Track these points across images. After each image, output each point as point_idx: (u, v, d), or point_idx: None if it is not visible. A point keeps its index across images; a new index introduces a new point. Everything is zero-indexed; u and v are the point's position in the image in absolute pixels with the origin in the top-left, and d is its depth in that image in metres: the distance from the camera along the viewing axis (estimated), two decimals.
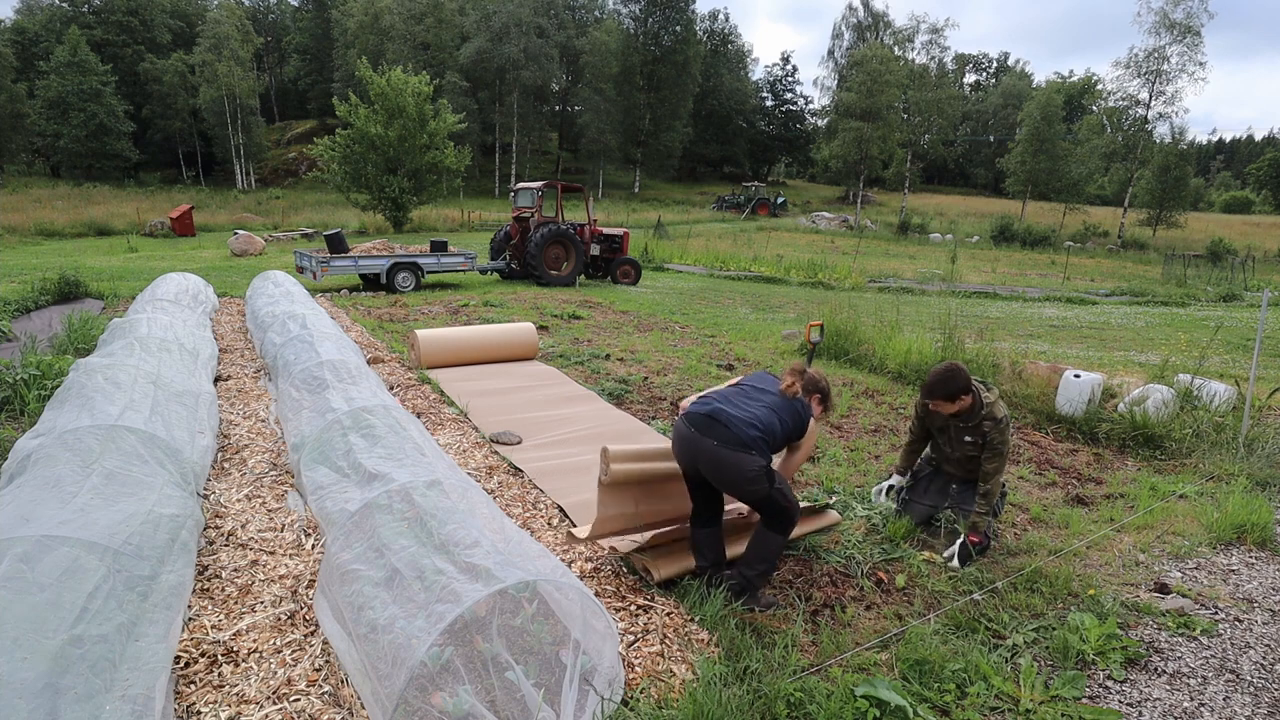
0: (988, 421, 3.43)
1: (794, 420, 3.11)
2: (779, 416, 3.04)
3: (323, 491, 3.45)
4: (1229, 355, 9.16)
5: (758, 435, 2.91)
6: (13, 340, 7.59)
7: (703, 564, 3.17)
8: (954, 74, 61.95)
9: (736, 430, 2.89)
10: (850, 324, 8.17)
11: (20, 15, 52.78)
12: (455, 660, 2.12)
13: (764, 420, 2.97)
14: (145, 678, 2.12)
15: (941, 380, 3.39)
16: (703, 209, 46.98)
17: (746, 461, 2.85)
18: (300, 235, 24.71)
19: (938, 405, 3.47)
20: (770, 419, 3.00)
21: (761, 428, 2.94)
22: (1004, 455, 3.43)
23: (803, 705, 2.34)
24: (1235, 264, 25.80)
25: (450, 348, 7.14)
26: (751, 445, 2.88)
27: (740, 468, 2.86)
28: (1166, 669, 2.72)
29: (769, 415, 3.01)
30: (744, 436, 2.88)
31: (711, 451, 2.89)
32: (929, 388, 3.43)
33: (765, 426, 2.95)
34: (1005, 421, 3.43)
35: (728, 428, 2.90)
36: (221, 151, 48.35)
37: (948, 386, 3.38)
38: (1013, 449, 4.65)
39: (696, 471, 3.03)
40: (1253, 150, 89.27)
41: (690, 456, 3.00)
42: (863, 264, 21.50)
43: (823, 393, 3.30)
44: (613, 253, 15.42)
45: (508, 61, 46.52)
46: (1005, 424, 3.43)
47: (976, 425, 3.46)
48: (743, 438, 2.88)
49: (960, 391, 3.39)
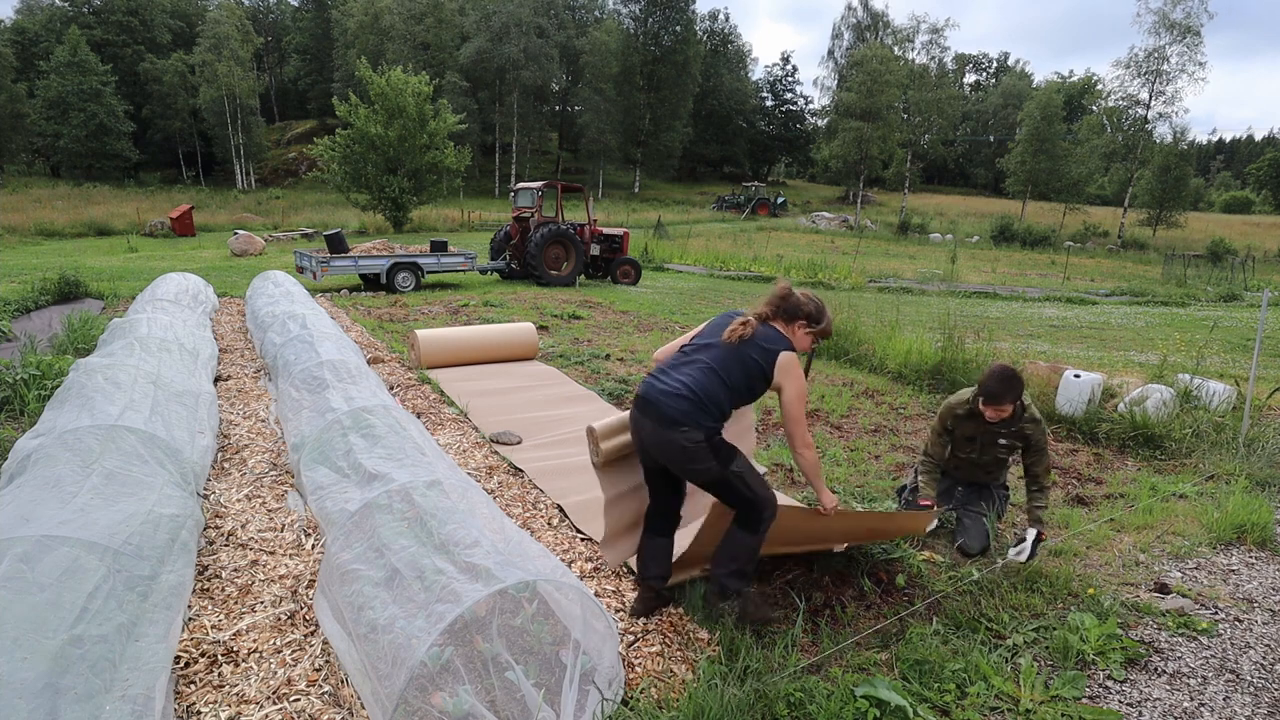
0: (1030, 424, 3.42)
1: (746, 370, 2.63)
2: (721, 374, 2.61)
3: (323, 491, 3.45)
4: (1229, 355, 9.16)
5: (687, 407, 2.54)
6: (13, 340, 7.59)
7: (645, 574, 2.87)
8: (954, 74, 61.97)
9: (663, 407, 2.56)
10: (850, 324, 8.17)
11: (20, 15, 52.79)
12: (455, 660, 2.12)
13: (696, 385, 2.58)
14: (145, 678, 2.12)
15: (1008, 383, 3.30)
16: (703, 209, 46.99)
17: (679, 438, 2.52)
18: (300, 235, 24.71)
19: (998, 410, 3.36)
20: (706, 381, 2.59)
21: (692, 395, 2.56)
22: (1047, 452, 3.47)
23: (803, 705, 2.34)
24: (1235, 264, 25.81)
25: (450, 348, 7.14)
26: (682, 420, 2.53)
27: (676, 446, 2.54)
28: (1166, 669, 2.72)
29: (705, 377, 2.60)
30: (670, 411, 2.54)
31: (651, 433, 2.61)
32: (994, 393, 3.31)
33: (698, 392, 2.56)
34: (1043, 420, 3.47)
35: (656, 405, 2.58)
36: (221, 151, 48.36)
37: (1014, 389, 3.31)
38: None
39: (649, 458, 2.74)
40: (1253, 150, 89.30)
41: (639, 441, 2.73)
42: (863, 264, 21.49)
43: (809, 316, 2.76)
44: (613, 253, 15.41)
45: (508, 61, 46.53)
46: (1044, 423, 3.48)
47: (1018, 429, 3.43)
48: (669, 413, 2.54)
49: (1022, 391, 3.36)
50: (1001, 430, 3.48)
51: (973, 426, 3.56)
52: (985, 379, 3.36)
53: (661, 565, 2.89)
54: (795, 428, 2.67)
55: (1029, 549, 3.29)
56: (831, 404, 6.24)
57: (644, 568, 2.91)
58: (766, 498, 2.66)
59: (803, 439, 2.68)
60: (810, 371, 2.96)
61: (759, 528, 2.67)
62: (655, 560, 2.88)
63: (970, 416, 3.55)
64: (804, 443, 2.69)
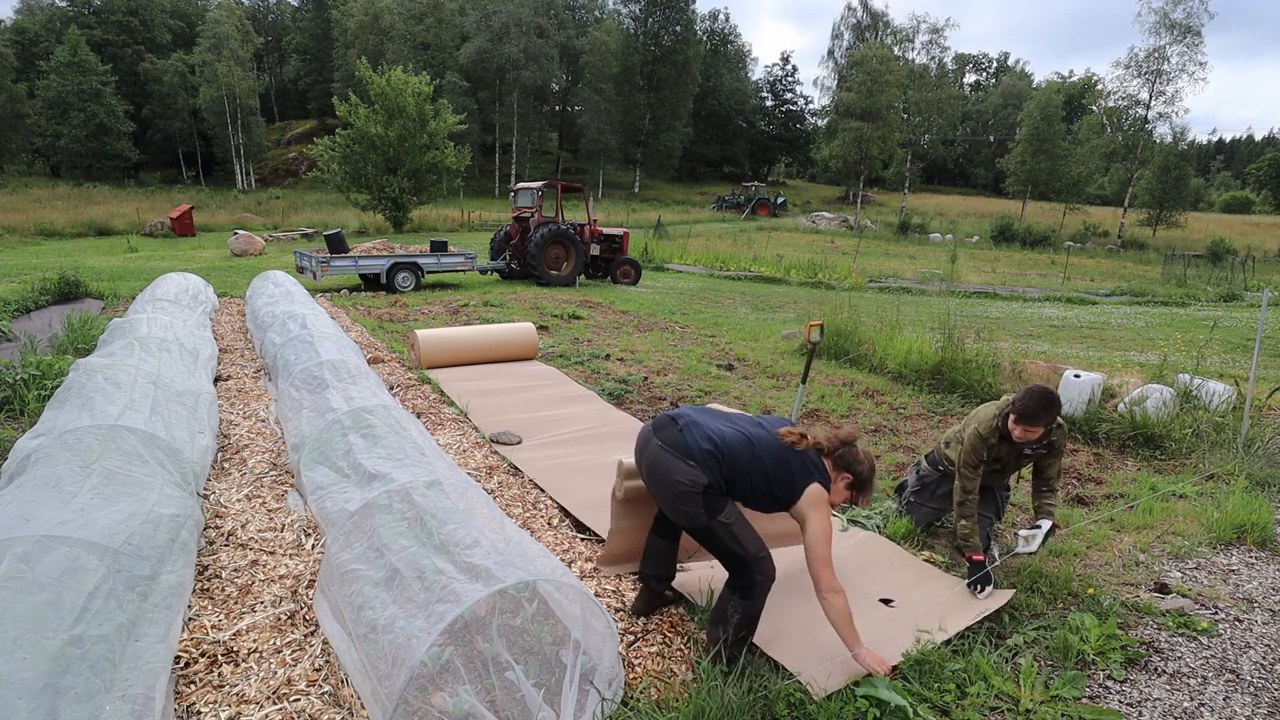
0: (1057, 431, 3.30)
1: (779, 470, 2.48)
2: (755, 453, 2.50)
3: (323, 491, 3.45)
4: (1228, 355, 9.16)
5: (709, 449, 2.47)
6: (13, 340, 7.59)
7: (645, 571, 2.89)
8: (954, 74, 61.96)
9: (687, 435, 2.52)
10: (850, 324, 8.18)
11: (20, 15, 52.79)
12: (455, 660, 2.12)
13: (728, 440, 2.51)
14: (145, 678, 2.12)
15: (1048, 408, 3.11)
16: (703, 209, 46.98)
17: (680, 469, 2.44)
18: (300, 235, 24.70)
19: (1029, 431, 3.14)
20: (739, 446, 2.50)
21: (718, 446, 2.49)
22: (1062, 454, 3.38)
23: (803, 705, 2.34)
24: (1235, 264, 25.81)
25: (450, 348, 7.14)
26: (695, 456, 2.45)
27: (672, 474, 2.46)
28: (1166, 669, 2.72)
29: (739, 443, 2.51)
30: (690, 444, 2.48)
31: (654, 451, 2.56)
32: (1032, 415, 3.10)
33: (724, 447, 2.49)
34: (1065, 424, 3.39)
35: (681, 431, 2.53)
36: (221, 151, 48.36)
37: (1052, 414, 3.14)
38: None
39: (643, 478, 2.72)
40: (1253, 150, 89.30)
41: (638, 455, 2.69)
42: (863, 264, 21.49)
43: (857, 476, 2.54)
44: (613, 253, 15.42)
45: (508, 61, 46.53)
46: (1065, 426, 3.39)
47: (1047, 441, 3.30)
48: (689, 444, 2.48)
49: (1059, 414, 3.22)
50: (1030, 448, 3.31)
51: (1002, 449, 3.32)
52: (1025, 400, 3.14)
53: (661, 567, 2.88)
54: (822, 569, 2.42)
55: (1040, 539, 3.18)
56: (831, 404, 6.24)
57: (644, 565, 2.91)
58: (759, 557, 2.47)
59: (828, 583, 2.42)
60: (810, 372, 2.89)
61: (752, 592, 2.47)
62: (657, 561, 2.87)
63: (1001, 441, 3.30)
64: (830, 587, 2.42)
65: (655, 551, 2.88)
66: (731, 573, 2.53)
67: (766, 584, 2.48)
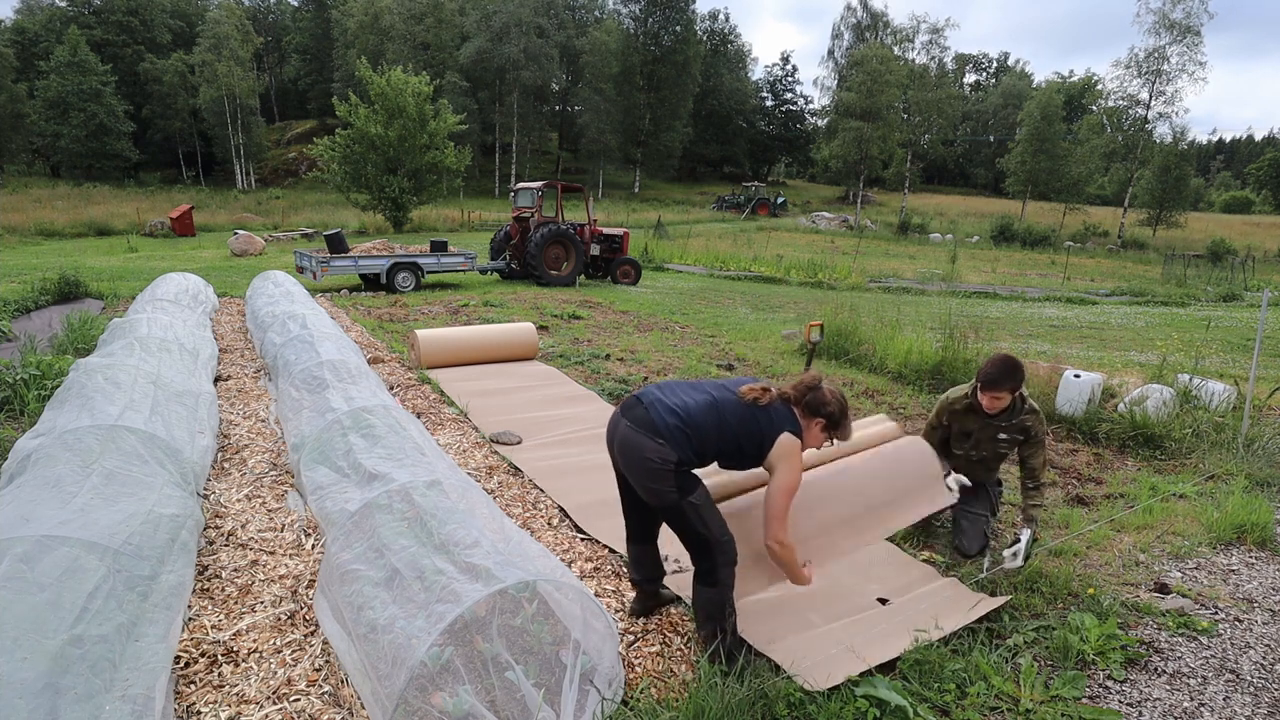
0: (1029, 415, 3.37)
1: (746, 429, 2.52)
2: (721, 417, 2.51)
3: (323, 491, 3.45)
4: (1228, 355, 9.16)
5: (675, 424, 2.46)
6: (13, 340, 7.59)
7: (635, 578, 2.95)
8: (954, 74, 61.95)
9: (653, 412, 2.49)
10: (850, 324, 8.17)
11: (20, 15, 52.78)
12: (455, 660, 2.12)
13: (692, 412, 2.50)
14: (145, 678, 2.12)
15: (1008, 371, 3.27)
16: (703, 209, 46.97)
17: (650, 447, 2.43)
18: (300, 235, 24.70)
19: (998, 397, 3.30)
20: (703, 415, 2.50)
21: (684, 418, 2.48)
22: (1045, 446, 3.42)
23: (803, 705, 2.34)
24: (1235, 264, 25.82)
25: (450, 348, 7.14)
26: (663, 433, 2.44)
27: (641, 452, 2.44)
28: (1166, 669, 2.72)
29: (704, 411, 2.51)
30: (656, 420, 2.46)
31: (623, 431, 2.53)
32: (993, 378, 3.27)
33: (690, 419, 2.48)
34: (1040, 412, 3.44)
35: (647, 410, 2.51)
36: (221, 151, 48.35)
37: (1014, 377, 3.27)
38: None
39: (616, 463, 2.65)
40: (1253, 150, 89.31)
41: (610, 440, 2.63)
42: (863, 264, 21.49)
43: (829, 417, 2.59)
44: (613, 253, 15.41)
45: (508, 61, 46.52)
46: (1042, 414, 3.44)
47: (1018, 421, 3.39)
48: (654, 422, 2.46)
49: (1022, 381, 3.32)
50: (1001, 424, 3.42)
51: (971, 421, 3.51)
52: (986, 365, 3.33)
53: (647, 569, 2.90)
54: (774, 521, 2.50)
55: (1023, 551, 3.22)
56: None
57: (632, 571, 2.96)
58: (722, 541, 2.49)
59: (775, 534, 2.51)
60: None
61: (714, 577, 2.50)
62: (640, 564, 2.90)
63: (969, 411, 3.49)
64: (777, 538, 2.51)
65: (637, 556, 2.89)
66: (694, 556, 2.55)
67: (729, 566, 2.52)
